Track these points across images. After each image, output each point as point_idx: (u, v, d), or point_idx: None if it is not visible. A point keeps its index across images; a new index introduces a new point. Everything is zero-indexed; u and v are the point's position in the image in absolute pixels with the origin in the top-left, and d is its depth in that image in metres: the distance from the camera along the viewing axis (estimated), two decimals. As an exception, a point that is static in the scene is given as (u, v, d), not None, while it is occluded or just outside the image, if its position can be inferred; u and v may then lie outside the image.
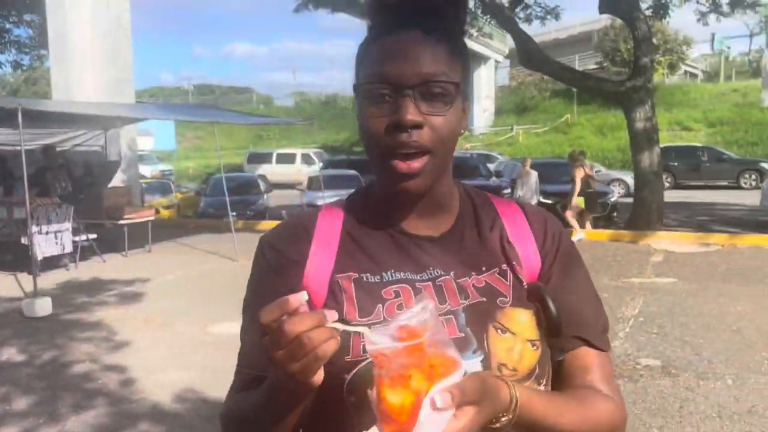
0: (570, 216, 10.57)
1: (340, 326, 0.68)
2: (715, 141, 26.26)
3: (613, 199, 13.08)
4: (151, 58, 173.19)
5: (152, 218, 10.98)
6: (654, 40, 31.19)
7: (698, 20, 14.34)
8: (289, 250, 0.91)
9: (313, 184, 14.54)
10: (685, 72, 41.35)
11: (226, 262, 9.54)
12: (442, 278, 0.88)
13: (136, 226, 10.41)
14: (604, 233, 11.16)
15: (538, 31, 26.82)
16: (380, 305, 0.85)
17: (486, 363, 0.83)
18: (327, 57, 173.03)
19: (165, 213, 14.80)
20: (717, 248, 9.94)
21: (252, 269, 0.96)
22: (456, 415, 0.66)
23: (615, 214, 12.78)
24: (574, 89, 26.47)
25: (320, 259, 0.90)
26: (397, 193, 0.86)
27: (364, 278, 0.87)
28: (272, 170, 27.03)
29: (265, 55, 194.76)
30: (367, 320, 0.84)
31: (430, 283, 0.88)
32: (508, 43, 29.75)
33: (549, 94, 35.74)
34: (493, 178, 15.11)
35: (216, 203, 13.99)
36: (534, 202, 11.51)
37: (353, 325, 0.74)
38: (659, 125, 12.97)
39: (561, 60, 16.23)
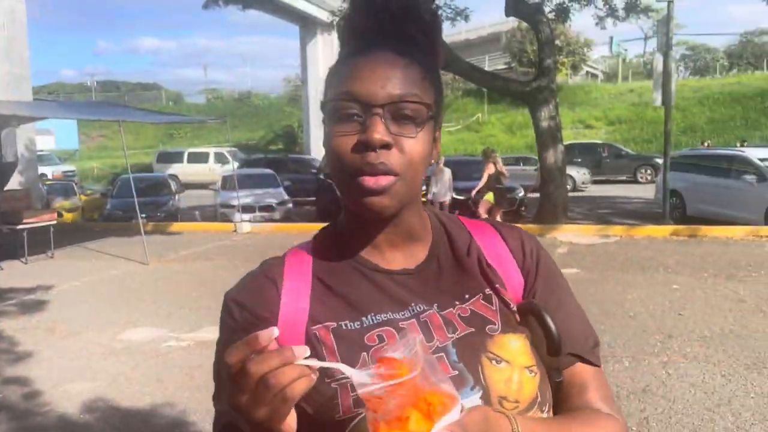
0: (483, 212, 10.94)
1: (312, 362, 0.62)
2: (615, 138, 27.94)
3: (520, 195, 13.64)
4: (50, 52, 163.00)
5: (54, 222, 10.42)
6: (557, 42, 32.74)
7: (596, 24, 15.18)
8: (257, 306, 0.84)
9: (228, 183, 14.25)
10: (587, 73, 43.63)
11: (136, 266, 9.20)
12: (425, 313, 0.84)
13: (36, 231, 9.85)
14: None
15: (448, 32, 27.44)
16: (365, 353, 0.79)
17: (486, 398, 0.79)
18: (240, 53, 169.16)
19: (68, 216, 14.07)
20: (616, 239, 10.60)
21: (220, 331, 0.88)
22: None
23: (523, 209, 13.35)
24: (485, 89, 27.31)
25: (292, 312, 0.83)
26: (364, 212, 0.81)
27: (343, 326, 0.82)
28: (184, 170, 26.27)
29: (174, 50, 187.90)
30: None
31: (414, 320, 0.83)
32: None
33: (461, 93, 36.68)
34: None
35: (123, 205, 13.45)
36: (447, 198, 11.84)
37: (329, 362, 0.69)
38: (563, 123, 13.66)
39: (471, 60, 16.72)
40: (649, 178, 22.16)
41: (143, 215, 11.00)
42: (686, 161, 13.08)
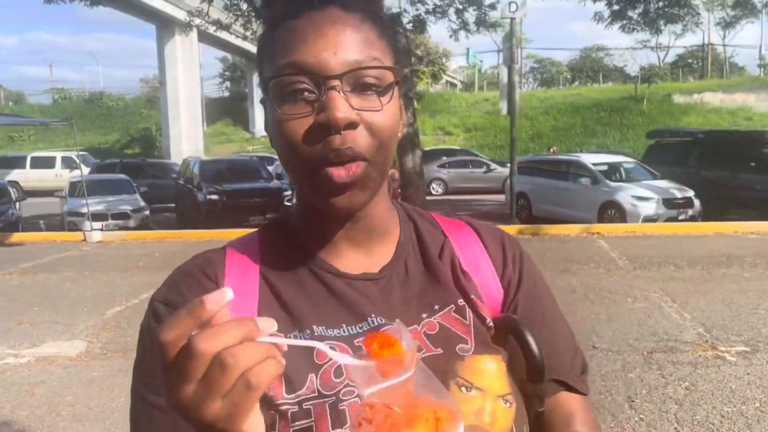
0: None
1: (280, 340, 0.48)
2: (471, 144, 29.58)
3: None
4: None
5: None
6: (418, 52, 34.12)
7: (450, 36, 16.07)
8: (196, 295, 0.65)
9: (76, 190, 13.32)
10: (447, 82, 45.82)
11: (-33, 281, 8.37)
12: (385, 328, 0.70)
13: None
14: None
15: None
16: (313, 375, 0.66)
17: None
18: (90, 51, 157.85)
19: None
20: (470, 239, 11.30)
21: (139, 345, 0.70)
22: None
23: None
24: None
25: (238, 307, 0.68)
26: (332, 211, 0.67)
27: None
28: (26, 176, 24.10)
29: (14, 46, 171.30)
30: (297, 396, 0.65)
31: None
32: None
33: (327, 98, 36.93)
34: (275, 181, 15.28)
35: (-47, 215, 12.13)
36: None
37: (300, 347, 0.57)
38: (425, 130, 14.29)
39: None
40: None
41: (-24, 225, 9.99)
42: (532, 166, 14.21)
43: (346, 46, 0.64)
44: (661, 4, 15.87)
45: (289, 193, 13.86)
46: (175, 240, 11.56)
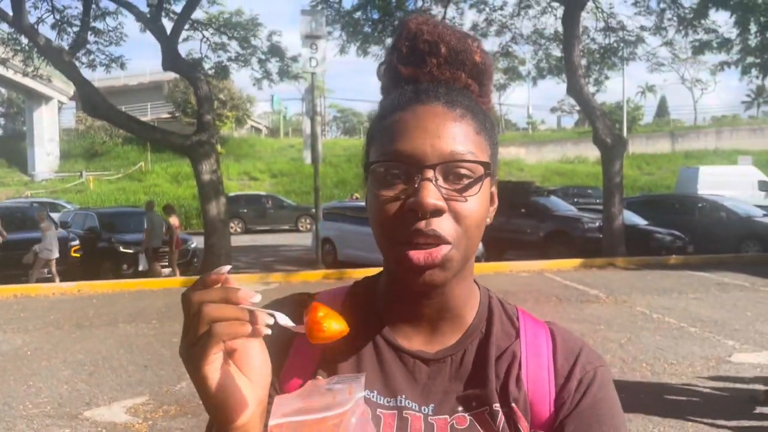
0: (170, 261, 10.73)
1: (250, 307, 0.58)
2: (277, 190, 29.74)
3: (192, 246, 13.59)
4: None
5: None
6: (221, 96, 33.73)
7: (253, 85, 16.32)
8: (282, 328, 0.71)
9: None
10: (252, 127, 45.72)
11: None
12: (410, 412, 0.74)
13: None
14: (178, 280, 11.51)
15: (106, 77, 25.94)
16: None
17: None
18: None
19: None
20: (276, 285, 11.32)
21: None
22: None
23: (196, 260, 13.32)
24: (147, 137, 26.46)
25: (304, 355, 0.77)
26: (413, 288, 0.72)
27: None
28: None
29: None
30: None
31: (395, 411, 0.74)
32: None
33: (121, 140, 34.78)
34: (60, 230, 13.91)
35: None
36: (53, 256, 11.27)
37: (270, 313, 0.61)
38: (230, 175, 14.12)
39: (133, 107, 16.28)
40: (308, 227, 24.08)
41: None
42: (336, 212, 14.74)
43: (443, 139, 0.70)
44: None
45: (76, 243, 12.72)
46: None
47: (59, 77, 29.25)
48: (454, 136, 0.71)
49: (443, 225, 0.69)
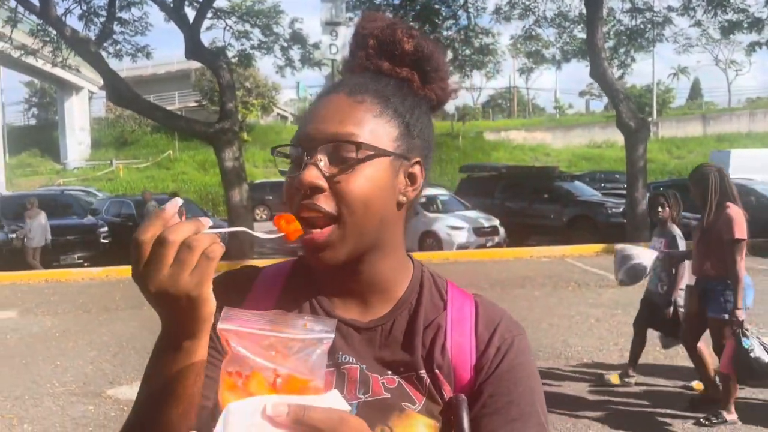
0: None
1: (217, 230, 0.64)
2: (302, 177, 29.86)
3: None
4: None
5: None
6: (247, 84, 34.00)
7: (276, 72, 16.39)
8: (226, 299, 0.74)
9: None
10: (278, 114, 45.99)
11: None
12: (347, 365, 0.79)
13: None
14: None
15: (134, 66, 26.34)
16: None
17: None
18: None
19: None
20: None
21: None
22: None
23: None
24: (174, 126, 26.85)
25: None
26: (313, 266, 0.80)
27: None
28: None
29: None
30: None
31: (334, 368, 0.78)
32: (103, 74, 28.41)
33: (150, 128, 35.30)
34: (89, 217, 14.31)
35: None
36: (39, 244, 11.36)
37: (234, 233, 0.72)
38: (256, 162, 14.26)
39: (161, 96, 16.51)
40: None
41: None
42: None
43: (329, 122, 0.76)
44: (468, 52, 17.59)
45: (105, 229, 13.05)
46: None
47: (88, 67, 29.74)
48: (342, 119, 0.76)
49: (322, 201, 0.75)
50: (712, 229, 4.13)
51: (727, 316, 4.00)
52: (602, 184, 20.67)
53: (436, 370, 0.78)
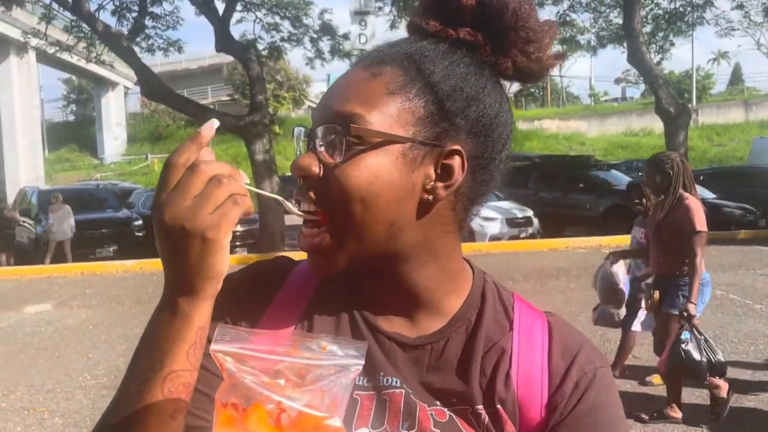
0: None
1: (254, 189, 0.58)
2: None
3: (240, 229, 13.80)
4: None
5: None
6: (278, 77, 34.11)
7: (306, 64, 16.33)
8: (254, 294, 0.70)
9: None
10: (309, 107, 46.15)
11: None
12: (391, 390, 0.65)
13: None
14: (233, 258, 11.79)
15: (167, 61, 26.64)
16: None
17: None
18: None
19: None
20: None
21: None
22: None
23: (252, 240, 13.53)
24: (207, 120, 27.08)
25: (277, 323, 0.68)
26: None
27: None
28: None
29: None
30: None
31: (374, 392, 0.65)
32: (137, 70, 28.83)
33: (184, 123, 35.74)
34: (124, 210, 14.49)
35: None
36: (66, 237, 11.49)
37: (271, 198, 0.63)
38: (288, 155, 14.24)
39: (194, 90, 16.61)
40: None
41: None
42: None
43: (335, 100, 0.64)
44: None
45: (139, 222, 13.20)
46: (7, 278, 10.61)
47: (123, 63, 30.20)
48: (347, 96, 0.63)
49: (314, 193, 0.63)
50: (667, 221, 3.92)
51: (676, 312, 3.81)
52: (639, 173, 20.13)
53: (498, 406, 0.65)
